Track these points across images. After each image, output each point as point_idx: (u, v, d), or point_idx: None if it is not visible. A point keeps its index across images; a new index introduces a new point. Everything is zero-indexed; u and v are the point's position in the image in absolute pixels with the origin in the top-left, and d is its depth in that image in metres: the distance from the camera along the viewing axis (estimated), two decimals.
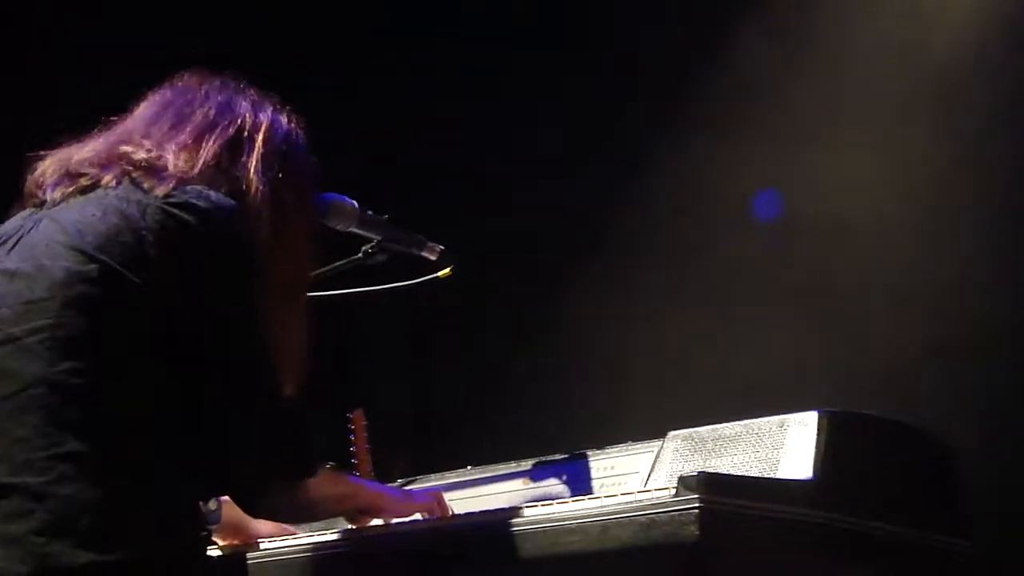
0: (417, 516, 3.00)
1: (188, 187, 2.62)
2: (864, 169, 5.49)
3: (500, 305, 5.97)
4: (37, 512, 2.41)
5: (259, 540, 3.06)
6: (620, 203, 5.92)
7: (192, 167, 2.69)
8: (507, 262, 5.91)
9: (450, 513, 2.99)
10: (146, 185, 2.62)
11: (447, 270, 3.27)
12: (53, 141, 2.79)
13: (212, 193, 2.62)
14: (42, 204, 2.70)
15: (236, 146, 2.78)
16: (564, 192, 6.01)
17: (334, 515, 2.95)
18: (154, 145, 2.71)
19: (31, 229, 2.66)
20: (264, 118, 2.85)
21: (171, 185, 2.61)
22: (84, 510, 2.42)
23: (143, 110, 2.84)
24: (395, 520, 2.96)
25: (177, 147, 2.71)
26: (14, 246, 2.65)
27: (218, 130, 2.78)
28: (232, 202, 2.63)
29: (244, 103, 2.86)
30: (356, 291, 3.08)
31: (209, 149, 2.74)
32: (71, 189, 2.67)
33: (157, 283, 2.52)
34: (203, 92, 2.85)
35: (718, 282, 5.69)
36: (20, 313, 2.53)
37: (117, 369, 2.50)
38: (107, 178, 2.65)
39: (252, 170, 2.75)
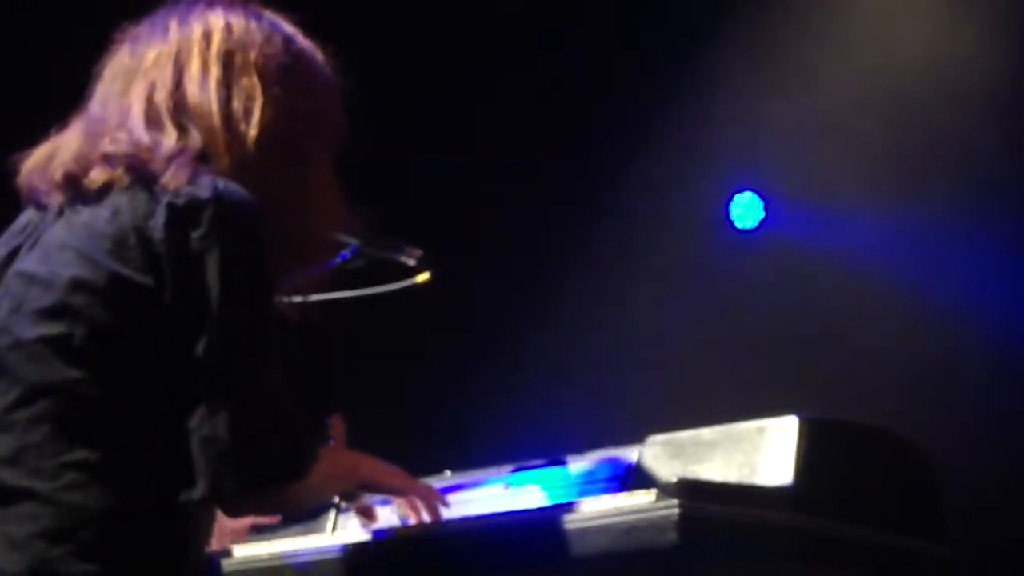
0: (396, 520, 3.00)
1: (196, 179, 2.53)
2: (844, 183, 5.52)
3: (478, 310, 5.97)
4: (42, 518, 2.41)
5: (232, 546, 3.05)
6: (594, 208, 5.94)
7: (168, 136, 2.59)
8: (486, 264, 5.91)
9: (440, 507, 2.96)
10: (150, 184, 2.54)
11: (426, 275, 3.26)
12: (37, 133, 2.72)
13: (220, 183, 2.53)
14: (44, 207, 2.64)
15: (177, 75, 2.65)
16: (538, 196, 6.02)
17: (330, 498, 2.92)
18: (126, 131, 2.61)
19: (47, 228, 2.60)
20: (198, 27, 2.68)
21: (174, 180, 2.52)
22: (89, 519, 2.41)
23: (98, 90, 2.73)
24: (379, 523, 2.96)
25: (145, 124, 2.61)
26: (34, 245, 2.60)
27: (162, 76, 2.65)
28: (241, 192, 2.53)
29: (173, 24, 2.69)
30: (333, 296, 3.06)
31: (160, 104, 2.62)
32: (69, 195, 2.60)
33: (167, 284, 2.48)
34: (124, 53, 2.72)
35: (700, 287, 5.70)
36: (34, 321, 2.51)
37: (125, 379, 2.48)
38: (105, 179, 2.57)
39: (201, 99, 2.62)
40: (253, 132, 2.63)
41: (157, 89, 2.65)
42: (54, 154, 2.67)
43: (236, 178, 2.58)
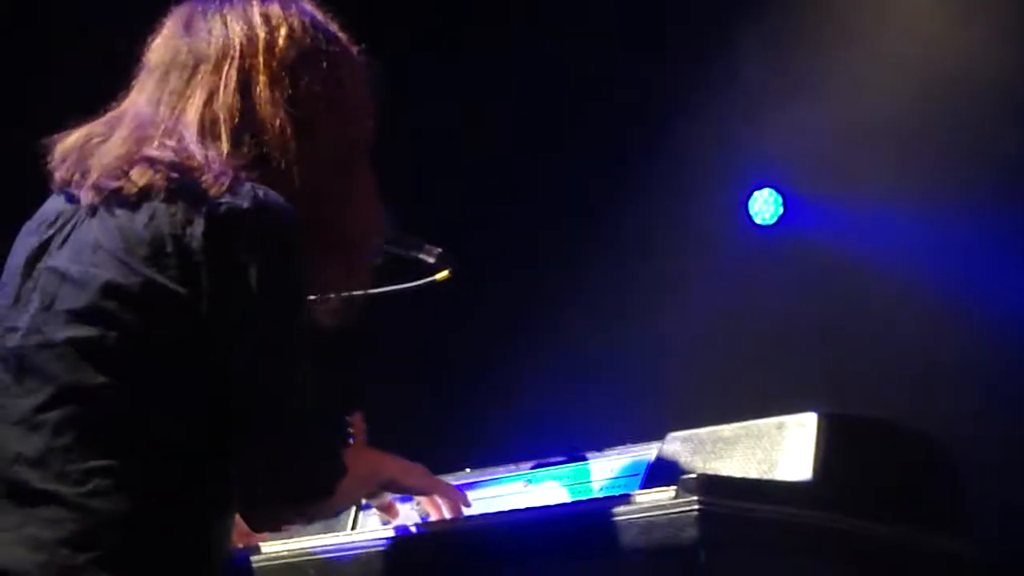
0: (417, 517, 3.00)
1: (237, 188, 2.50)
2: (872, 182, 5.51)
3: (497, 306, 5.97)
4: (67, 523, 2.41)
5: (260, 543, 3.05)
6: (613, 205, 5.93)
7: (219, 149, 2.56)
8: (504, 262, 5.91)
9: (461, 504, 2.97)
10: (190, 190, 2.51)
11: (445, 273, 3.26)
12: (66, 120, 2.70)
13: (260, 192, 2.51)
14: (76, 200, 2.60)
15: (243, 86, 2.61)
16: (555, 191, 6.02)
17: (354, 501, 2.94)
18: (174, 138, 2.58)
19: (80, 224, 2.58)
20: (262, 31, 2.66)
21: (215, 187, 2.50)
22: (113, 526, 2.41)
23: (141, 90, 2.69)
24: (399, 520, 2.96)
25: (193, 132, 2.58)
26: (65, 240, 2.58)
27: (225, 83, 2.61)
28: (280, 202, 2.52)
29: (233, 21, 2.66)
30: (352, 294, 3.06)
31: (220, 113, 2.59)
32: (106, 195, 2.56)
33: (204, 294, 2.46)
34: (178, 42, 2.68)
35: (719, 284, 5.70)
36: (65, 321, 2.50)
37: (154, 387, 2.47)
38: (145, 182, 2.54)
39: (266, 115, 2.60)
40: (318, 146, 2.63)
41: (218, 96, 2.62)
42: (92, 146, 2.63)
43: (295, 188, 2.57)
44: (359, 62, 2.77)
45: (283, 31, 2.67)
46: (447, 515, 2.91)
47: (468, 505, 2.93)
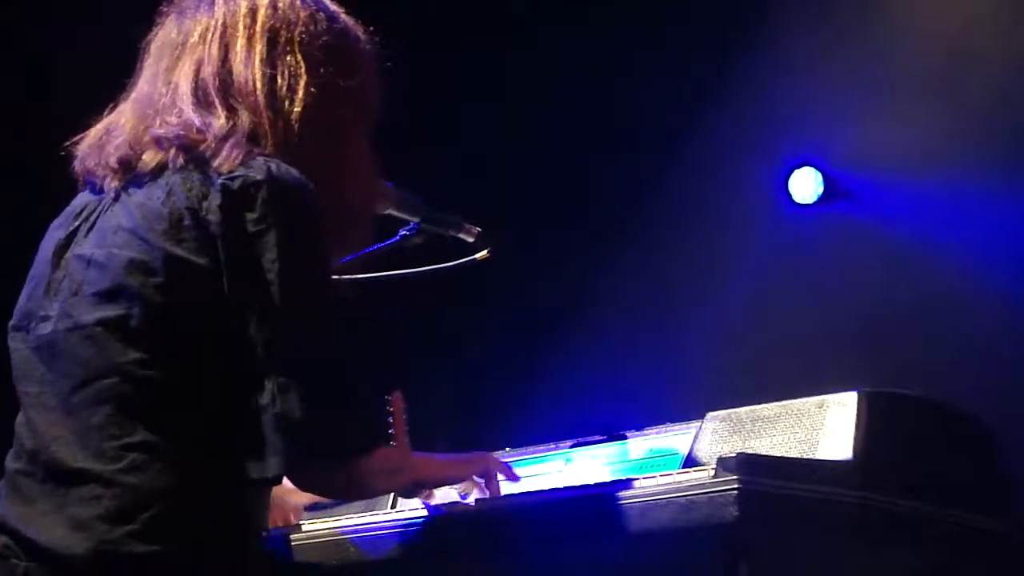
0: (455, 495, 3.01)
1: (249, 160, 2.56)
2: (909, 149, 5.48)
3: (538, 286, 5.97)
4: (104, 499, 2.44)
5: (301, 522, 3.07)
6: (653, 184, 5.92)
7: (216, 115, 2.61)
8: (545, 243, 5.91)
9: (503, 468, 2.98)
10: (202, 165, 2.57)
11: (485, 252, 3.27)
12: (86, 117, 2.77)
13: (273, 165, 2.56)
14: (100, 189, 2.67)
15: (224, 50, 2.67)
16: (596, 172, 6.01)
17: (388, 491, 2.96)
18: (176, 112, 2.64)
19: (104, 212, 2.64)
20: (244, 2, 2.71)
21: (227, 162, 2.55)
22: (149, 500, 2.44)
23: (146, 66, 2.76)
24: (439, 498, 2.97)
25: (190, 103, 2.64)
26: (91, 229, 2.64)
27: (208, 52, 2.67)
28: (294, 174, 2.56)
29: (206, 7, 2.73)
30: (394, 274, 3.07)
31: (208, 80, 2.65)
32: (124, 179, 2.63)
33: (223, 265, 2.50)
34: (170, 27, 2.75)
35: (759, 263, 5.68)
36: (92, 303, 2.54)
37: (183, 359, 2.50)
38: (158, 161, 2.60)
39: (246, 76, 2.66)
40: (296, 110, 2.66)
41: (204, 66, 2.68)
42: (107, 137, 2.70)
43: (279, 155, 2.61)
44: (357, 37, 2.80)
45: (265, 0, 2.72)
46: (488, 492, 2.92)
47: (516, 479, 2.95)
